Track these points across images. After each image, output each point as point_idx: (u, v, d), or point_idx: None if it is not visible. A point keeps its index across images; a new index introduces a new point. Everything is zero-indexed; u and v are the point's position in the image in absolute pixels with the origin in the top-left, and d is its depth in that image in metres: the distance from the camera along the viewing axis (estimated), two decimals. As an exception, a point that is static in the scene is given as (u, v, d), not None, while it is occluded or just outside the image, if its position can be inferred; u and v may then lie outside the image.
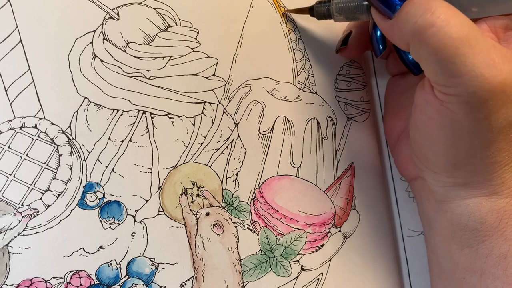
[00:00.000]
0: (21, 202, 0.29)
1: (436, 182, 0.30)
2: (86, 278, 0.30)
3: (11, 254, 0.29)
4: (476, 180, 0.28)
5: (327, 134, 0.37)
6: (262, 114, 0.35)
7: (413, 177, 0.34)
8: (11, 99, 0.30)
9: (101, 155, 0.31)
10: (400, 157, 0.35)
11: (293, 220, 0.35)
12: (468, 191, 0.29)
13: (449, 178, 0.29)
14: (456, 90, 0.25)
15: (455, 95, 0.26)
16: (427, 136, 0.29)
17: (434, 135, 0.28)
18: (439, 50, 0.25)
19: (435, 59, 0.25)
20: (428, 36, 0.25)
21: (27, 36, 0.30)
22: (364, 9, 0.31)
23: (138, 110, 0.32)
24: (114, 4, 0.32)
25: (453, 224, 0.30)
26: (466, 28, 0.25)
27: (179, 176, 0.33)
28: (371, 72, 0.40)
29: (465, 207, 0.29)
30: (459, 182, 0.29)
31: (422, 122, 0.29)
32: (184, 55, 0.34)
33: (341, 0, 0.32)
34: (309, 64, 0.37)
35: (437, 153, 0.29)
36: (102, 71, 0.32)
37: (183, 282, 0.32)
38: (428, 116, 0.28)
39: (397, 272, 0.38)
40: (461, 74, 0.25)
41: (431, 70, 0.26)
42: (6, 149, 0.30)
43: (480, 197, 0.29)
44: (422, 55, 0.26)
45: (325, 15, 0.34)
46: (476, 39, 0.25)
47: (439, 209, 0.31)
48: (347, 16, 0.33)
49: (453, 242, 0.30)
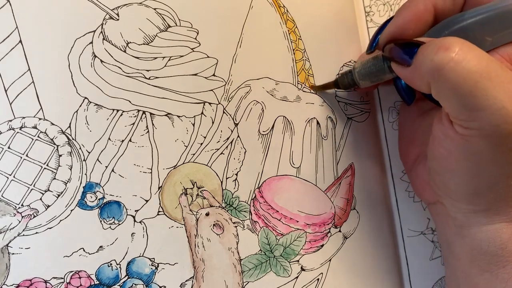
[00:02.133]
0: (21, 202, 0.29)
1: (455, 208, 0.30)
2: (86, 278, 0.30)
3: (11, 254, 0.29)
4: (497, 207, 0.28)
5: (327, 134, 0.37)
6: (262, 114, 0.35)
7: (432, 201, 0.33)
8: (11, 99, 0.30)
9: (101, 155, 0.31)
10: (418, 182, 0.35)
11: (293, 220, 0.35)
12: (488, 217, 0.29)
13: (470, 205, 0.29)
14: (478, 124, 0.25)
15: (478, 129, 0.25)
16: (447, 168, 0.29)
17: (455, 167, 0.28)
18: (458, 85, 0.25)
19: (455, 94, 0.25)
20: (447, 72, 0.25)
21: (27, 36, 0.30)
22: (386, 70, 0.31)
23: (138, 110, 0.32)
24: (114, 4, 0.32)
25: (473, 249, 0.30)
26: (484, 61, 0.25)
27: (179, 176, 0.33)
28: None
29: (486, 233, 0.29)
30: (480, 209, 0.29)
31: (441, 155, 0.29)
32: (184, 55, 0.34)
33: (362, 67, 0.33)
34: (309, 64, 0.37)
35: (458, 183, 0.28)
36: (102, 71, 0.32)
37: (183, 282, 0.32)
38: (447, 149, 0.28)
39: (397, 272, 0.38)
40: (483, 107, 0.24)
41: (452, 106, 0.26)
42: (6, 149, 0.30)
43: (500, 223, 0.28)
44: (442, 91, 0.26)
45: (351, 84, 0.34)
46: (496, 71, 0.25)
47: (458, 234, 0.31)
48: (372, 80, 0.33)
49: (473, 267, 0.30)
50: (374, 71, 0.32)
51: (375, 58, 0.32)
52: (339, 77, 0.35)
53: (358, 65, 0.33)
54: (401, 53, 0.28)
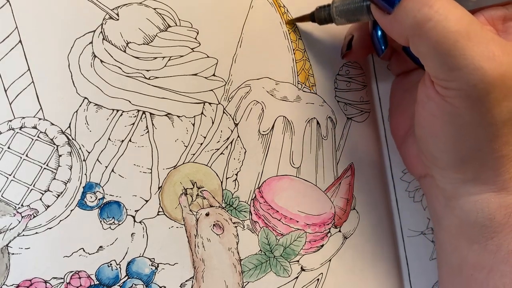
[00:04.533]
0: (20, 203, 0.29)
1: (444, 178, 0.30)
2: (86, 278, 0.30)
3: (11, 255, 0.29)
4: (484, 176, 0.28)
5: (327, 134, 0.37)
6: (262, 114, 0.35)
7: (422, 174, 0.33)
8: (10, 100, 0.30)
9: (101, 156, 0.31)
10: (408, 155, 0.35)
11: (293, 220, 0.35)
12: (476, 187, 0.29)
13: (457, 174, 0.29)
14: (456, 84, 0.25)
15: (456, 89, 0.26)
16: (431, 133, 0.29)
17: (438, 131, 0.28)
18: (438, 44, 0.25)
19: (434, 53, 0.25)
20: (427, 30, 0.25)
21: (27, 36, 0.30)
22: (364, 10, 0.31)
23: (137, 110, 0.32)
24: (113, 4, 0.32)
25: (462, 220, 0.30)
26: (465, 21, 0.25)
27: (179, 177, 0.33)
28: (371, 72, 0.40)
29: (474, 204, 0.29)
30: (467, 178, 0.29)
31: (425, 119, 0.29)
32: (184, 55, 0.34)
33: (340, 3, 0.32)
34: (309, 64, 0.37)
35: (443, 149, 0.29)
36: (101, 71, 0.32)
37: (183, 283, 0.32)
38: (431, 112, 0.28)
39: (397, 272, 0.38)
40: (461, 67, 0.25)
41: (431, 65, 0.26)
42: (5, 149, 0.30)
43: (488, 193, 0.28)
44: (421, 49, 0.26)
45: (326, 20, 0.34)
46: (475, 32, 0.25)
47: (447, 206, 0.31)
48: (348, 18, 0.32)
49: (462, 239, 0.30)
50: (352, 9, 0.32)
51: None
52: (316, 10, 0.34)
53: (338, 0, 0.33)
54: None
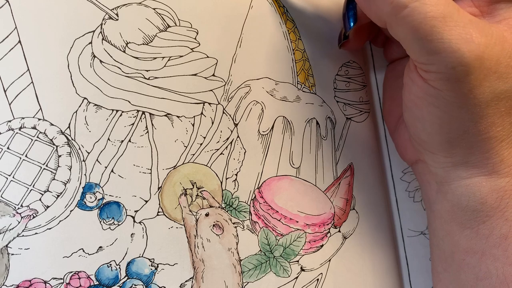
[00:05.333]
0: (20, 203, 0.29)
1: (435, 163, 0.30)
2: (85, 279, 0.30)
3: (10, 255, 0.29)
4: (474, 159, 0.28)
5: (326, 134, 0.37)
6: (262, 114, 0.35)
7: (414, 160, 0.34)
8: (10, 100, 0.30)
9: (101, 156, 0.31)
10: (400, 141, 0.35)
11: (293, 221, 0.35)
12: (467, 170, 0.29)
13: (447, 157, 0.29)
14: (436, 67, 0.26)
15: (436, 72, 0.26)
16: (417, 116, 0.29)
17: (424, 114, 0.28)
18: (415, 29, 0.25)
19: (412, 38, 0.26)
20: (404, 16, 0.25)
21: (26, 36, 0.30)
22: None
23: (137, 110, 0.32)
24: (113, 5, 0.32)
25: (454, 205, 0.30)
26: (441, 6, 0.25)
27: (179, 177, 0.33)
28: (370, 73, 0.40)
29: (465, 188, 0.29)
30: (457, 161, 0.29)
31: (411, 102, 0.29)
32: (184, 55, 0.33)
33: None
34: (308, 64, 0.37)
35: (430, 131, 0.29)
36: (101, 71, 0.32)
37: (183, 283, 0.32)
38: (416, 95, 0.28)
39: (397, 272, 0.38)
40: (439, 51, 0.25)
41: (410, 49, 0.27)
42: (5, 149, 0.29)
43: (480, 177, 0.29)
44: (399, 34, 0.27)
45: None
46: (452, 15, 0.25)
47: (439, 191, 0.31)
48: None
49: (454, 224, 0.30)
50: None
51: None
52: None
53: None
54: None
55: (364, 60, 0.40)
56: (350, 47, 0.37)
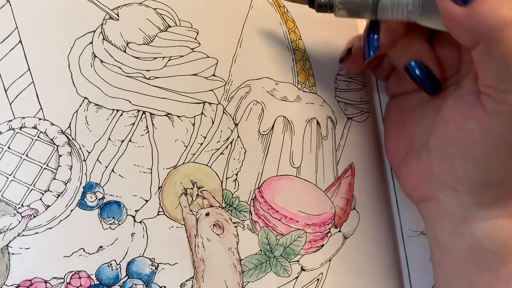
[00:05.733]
0: (21, 203, 0.29)
1: (456, 201, 0.29)
2: (86, 278, 0.30)
3: (11, 255, 0.29)
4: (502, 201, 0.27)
5: (327, 134, 0.37)
6: (262, 114, 0.35)
7: (423, 198, 0.32)
8: (10, 100, 0.30)
9: (101, 156, 0.31)
10: (408, 178, 0.34)
11: (293, 220, 0.35)
12: (492, 211, 0.28)
13: (474, 197, 0.28)
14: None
15: (511, 106, 0.24)
16: (461, 153, 0.27)
17: (470, 152, 0.27)
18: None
19: (506, 60, 0.23)
20: (508, 34, 0.23)
21: (27, 36, 0.30)
22: (369, 7, 0.29)
23: (138, 110, 0.32)
24: (113, 5, 0.32)
25: (473, 247, 0.28)
26: None
27: (179, 176, 0.33)
28: (371, 72, 0.40)
29: (488, 230, 0.28)
30: (485, 202, 0.28)
31: (456, 138, 0.28)
32: (184, 55, 0.34)
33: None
34: (309, 64, 0.37)
35: (469, 171, 0.27)
36: (102, 71, 0.32)
37: (183, 282, 0.32)
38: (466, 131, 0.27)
39: (397, 272, 0.38)
40: None
41: (495, 72, 0.24)
42: (5, 149, 0.30)
43: (503, 219, 0.28)
44: (492, 55, 0.24)
45: (326, 7, 0.31)
46: None
47: (455, 231, 0.29)
48: (350, 11, 0.30)
49: (470, 265, 0.29)
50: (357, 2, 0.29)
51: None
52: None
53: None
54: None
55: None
56: (350, 64, 0.36)
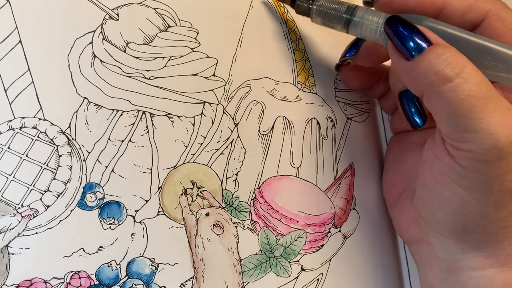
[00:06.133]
0: (20, 203, 0.29)
1: (443, 247, 0.29)
2: (86, 278, 0.30)
3: (11, 255, 0.29)
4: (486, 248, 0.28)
5: (326, 134, 0.37)
6: (262, 114, 0.35)
7: (415, 240, 0.33)
8: (10, 100, 0.30)
9: (101, 156, 0.31)
10: (402, 218, 0.34)
11: (293, 220, 0.35)
12: (479, 261, 0.28)
13: (458, 243, 0.28)
14: (468, 146, 0.25)
15: (468, 151, 0.25)
16: (436, 194, 0.28)
17: (444, 192, 0.28)
18: (455, 104, 0.25)
19: (450, 113, 0.25)
20: (446, 90, 0.25)
21: (27, 36, 0.30)
22: (342, 21, 0.31)
23: (137, 110, 0.32)
24: (113, 4, 0.32)
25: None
26: (484, 87, 0.25)
27: (179, 177, 0.33)
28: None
29: (477, 281, 0.28)
30: (469, 248, 0.28)
31: (431, 178, 0.28)
32: (184, 55, 0.34)
33: (324, 4, 0.32)
34: (309, 64, 0.37)
35: (447, 212, 0.28)
36: (101, 71, 0.32)
37: (183, 283, 0.32)
38: (438, 171, 0.28)
39: (397, 272, 0.38)
40: (476, 130, 0.25)
41: (445, 123, 0.26)
42: (5, 149, 0.30)
43: (492, 269, 0.28)
44: (436, 107, 0.26)
45: (304, 13, 0.33)
46: (493, 98, 0.25)
47: (445, 279, 0.30)
48: (324, 21, 0.32)
49: None
50: (331, 14, 0.31)
51: (341, 4, 0.31)
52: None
53: (323, 0, 0.32)
54: (406, 41, 0.27)
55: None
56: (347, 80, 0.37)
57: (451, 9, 0.29)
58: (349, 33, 0.31)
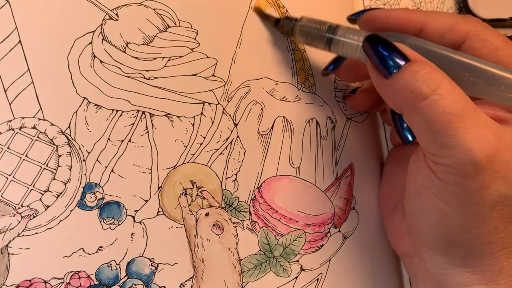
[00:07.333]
0: (20, 203, 0.29)
1: (432, 261, 0.30)
2: (85, 278, 0.30)
3: (10, 255, 0.29)
4: (472, 263, 0.28)
5: (326, 134, 0.37)
6: (262, 114, 0.35)
7: (408, 253, 0.33)
8: (10, 100, 0.30)
9: (101, 156, 0.31)
10: (394, 231, 0.34)
11: (293, 220, 0.35)
12: (466, 277, 0.28)
13: (444, 257, 0.28)
14: (446, 160, 0.26)
15: (445, 165, 0.26)
16: (420, 206, 0.29)
17: (427, 205, 0.28)
18: (431, 121, 0.25)
19: (427, 129, 0.26)
20: (422, 107, 0.25)
21: (27, 36, 0.30)
22: (324, 41, 0.31)
23: (137, 110, 0.32)
24: (113, 5, 0.32)
25: None
26: (460, 104, 0.25)
27: (179, 177, 0.33)
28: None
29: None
30: (455, 263, 0.28)
31: (414, 191, 0.29)
32: (184, 56, 0.34)
33: (306, 24, 0.33)
34: (308, 64, 0.37)
35: (431, 225, 0.28)
36: (101, 71, 0.32)
37: (183, 283, 0.32)
38: (420, 185, 0.28)
39: (397, 272, 0.38)
40: (452, 146, 0.25)
41: (423, 138, 0.27)
42: (5, 149, 0.30)
43: (479, 286, 0.28)
44: (414, 123, 0.26)
45: (287, 32, 0.34)
46: (469, 114, 0.25)
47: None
48: (307, 41, 0.33)
49: None
50: (313, 34, 0.32)
51: (323, 24, 0.32)
52: (282, 19, 0.34)
53: (305, 20, 0.33)
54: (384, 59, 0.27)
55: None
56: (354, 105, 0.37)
57: (431, 29, 0.29)
58: (331, 51, 0.32)
